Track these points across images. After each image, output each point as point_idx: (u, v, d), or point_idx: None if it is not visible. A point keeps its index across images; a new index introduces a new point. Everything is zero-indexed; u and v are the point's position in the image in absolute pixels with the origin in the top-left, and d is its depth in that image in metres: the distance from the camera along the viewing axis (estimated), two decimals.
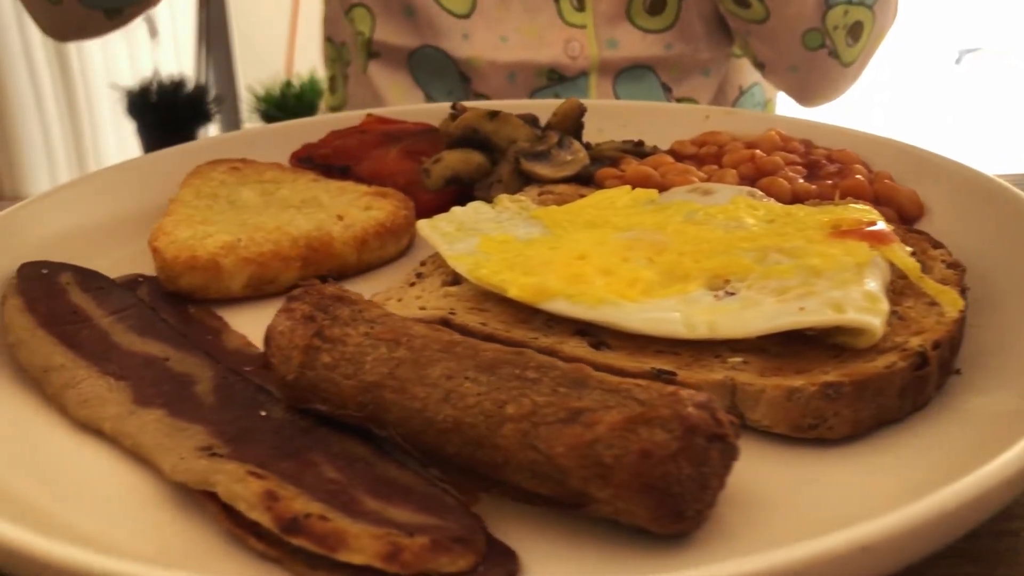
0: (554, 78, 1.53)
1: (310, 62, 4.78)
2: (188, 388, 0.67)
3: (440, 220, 0.86)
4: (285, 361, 0.62)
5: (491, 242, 0.79)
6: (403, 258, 0.92)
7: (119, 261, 0.88)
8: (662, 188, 0.89)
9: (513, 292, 0.69)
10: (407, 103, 1.57)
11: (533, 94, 1.54)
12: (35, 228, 0.90)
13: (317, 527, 0.51)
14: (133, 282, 0.85)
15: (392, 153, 1.03)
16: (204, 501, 0.56)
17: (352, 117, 1.13)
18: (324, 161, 1.03)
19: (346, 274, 0.87)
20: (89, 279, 0.82)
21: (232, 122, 4.88)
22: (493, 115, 1.01)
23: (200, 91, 4.60)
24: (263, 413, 0.64)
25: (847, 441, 0.61)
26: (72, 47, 4.88)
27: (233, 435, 0.61)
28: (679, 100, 1.59)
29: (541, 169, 0.96)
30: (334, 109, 1.76)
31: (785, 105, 1.80)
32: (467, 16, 1.49)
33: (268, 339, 0.63)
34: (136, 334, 0.74)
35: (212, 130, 4.87)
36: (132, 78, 4.86)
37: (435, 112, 1.14)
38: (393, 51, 1.55)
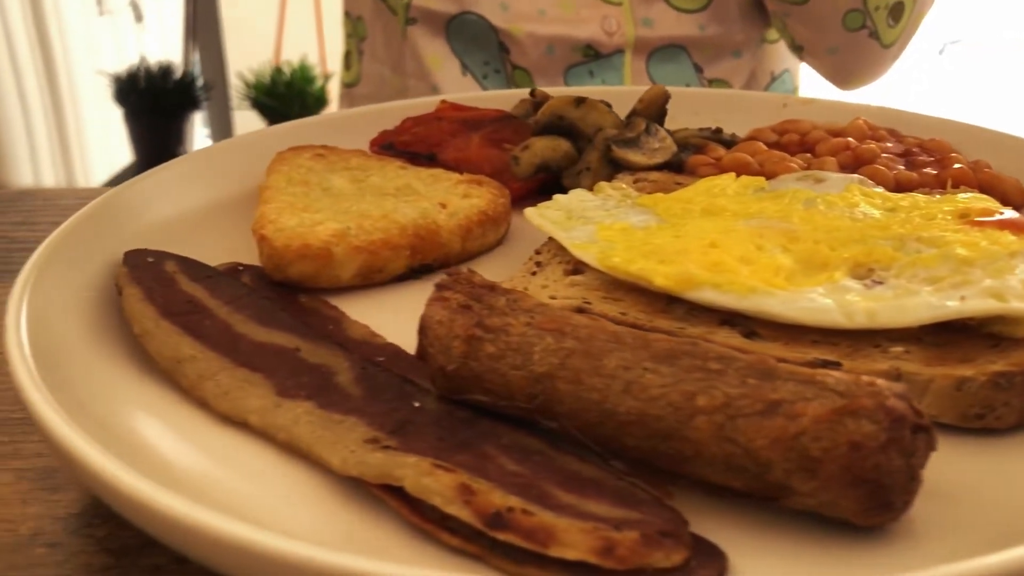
0: (590, 54, 1.52)
1: (300, 48, 4.75)
2: (329, 379, 0.66)
3: (546, 208, 0.85)
4: (445, 351, 0.61)
5: (609, 230, 0.78)
6: (500, 247, 0.91)
7: (208, 249, 0.85)
8: (761, 176, 0.89)
9: (659, 281, 0.68)
10: (441, 72, 1.55)
11: (568, 69, 1.54)
12: (123, 217, 0.87)
13: (523, 521, 0.49)
14: (234, 270, 0.83)
15: (474, 140, 1.01)
16: (382, 495, 0.55)
17: (425, 103, 1.11)
18: (405, 148, 1.01)
19: (449, 263, 0.86)
20: (193, 268, 0.79)
21: (221, 109, 4.83)
22: (580, 101, 0.99)
23: (189, 78, 4.55)
24: (416, 404, 0.62)
25: (1013, 431, 0.61)
26: (55, 31, 4.80)
27: (393, 427, 0.59)
28: (711, 81, 1.59)
29: (633, 156, 0.95)
30: (348, 86, 1.75)
31: (808, 92, 1.81)
32: None
33: (424, 329, 0.62)
34: (258, 324, 0.72)
35: (200, 118, 4.82)
36: (116, 64, 4.80)
37: (506, 98, 1.12)
38: (431, 17, 1.53)
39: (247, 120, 4.72)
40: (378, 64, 1.65)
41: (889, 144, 0.96)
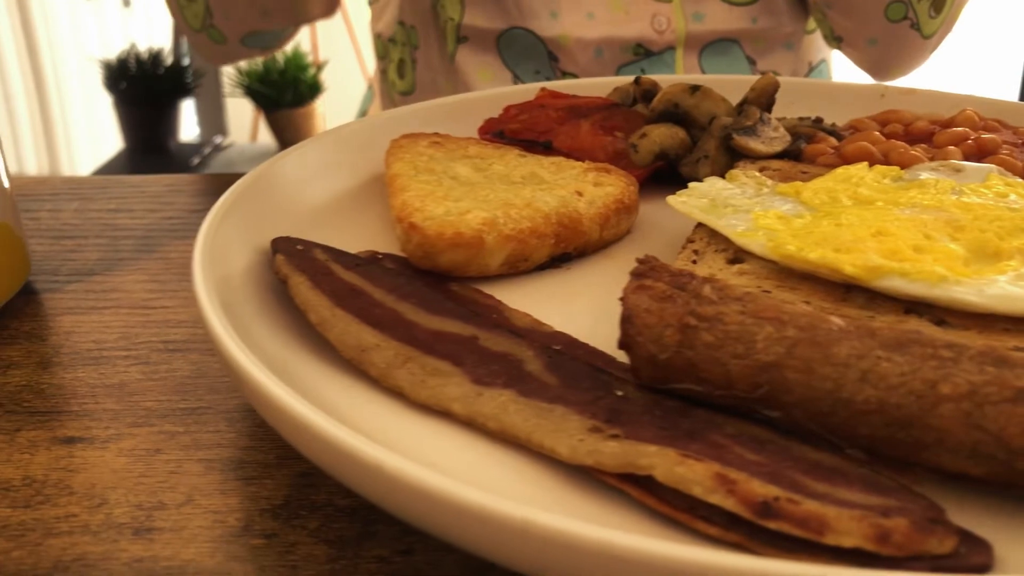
0: (640, 53, 1.53)
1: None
2: (519, 367, 0.65)
3: (687, 196, 0.85)
4: (656, 340, 0.60)
5: (765, 218, 0.78)
6: (628, 236, 0.90)
7: (332, 237, 0.84)
8: (887, 165, 0.89)
9: (848, 270, 0.68)
10: (494, 84, 1.55)
11: (619, 70, 1.54)
12: (251, 207, 0.85)
13: (793, 510, 0.49)
14: (374, 259, 0.82)
15: (584, 128, 1.01)
16: (621, 485, 0.54)
17: (524, 91, 1.11)
18: (516, 135, 1.01)
19: (587, 252, 0.85)
20: (341, 256, 0.78)
21: (213, 96, 4.77)
22: (695, 89, 0.99)
23: (179, 64, 4.49)
24: (619, 393, 0.62)
25: None
26: (39, 16, 4.73)
27: (607, 416, 0.59)
28: (762, 74, 1.60)
29: (753, 144, 0.95)
30: (403, 94, 1.73)
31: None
32: None
33: (630, 317, 0.61)
34: (427, 312, 0.71)
35: (191, 104, 4.76)
36: (103, 49, 4.73)
37: (601, 85, 1.12)
38: (481, 34, 1.54)
39: (239, 107, 4.67)
40: (432, 72, 1.64)
41: (1006, 135, 0.96)
